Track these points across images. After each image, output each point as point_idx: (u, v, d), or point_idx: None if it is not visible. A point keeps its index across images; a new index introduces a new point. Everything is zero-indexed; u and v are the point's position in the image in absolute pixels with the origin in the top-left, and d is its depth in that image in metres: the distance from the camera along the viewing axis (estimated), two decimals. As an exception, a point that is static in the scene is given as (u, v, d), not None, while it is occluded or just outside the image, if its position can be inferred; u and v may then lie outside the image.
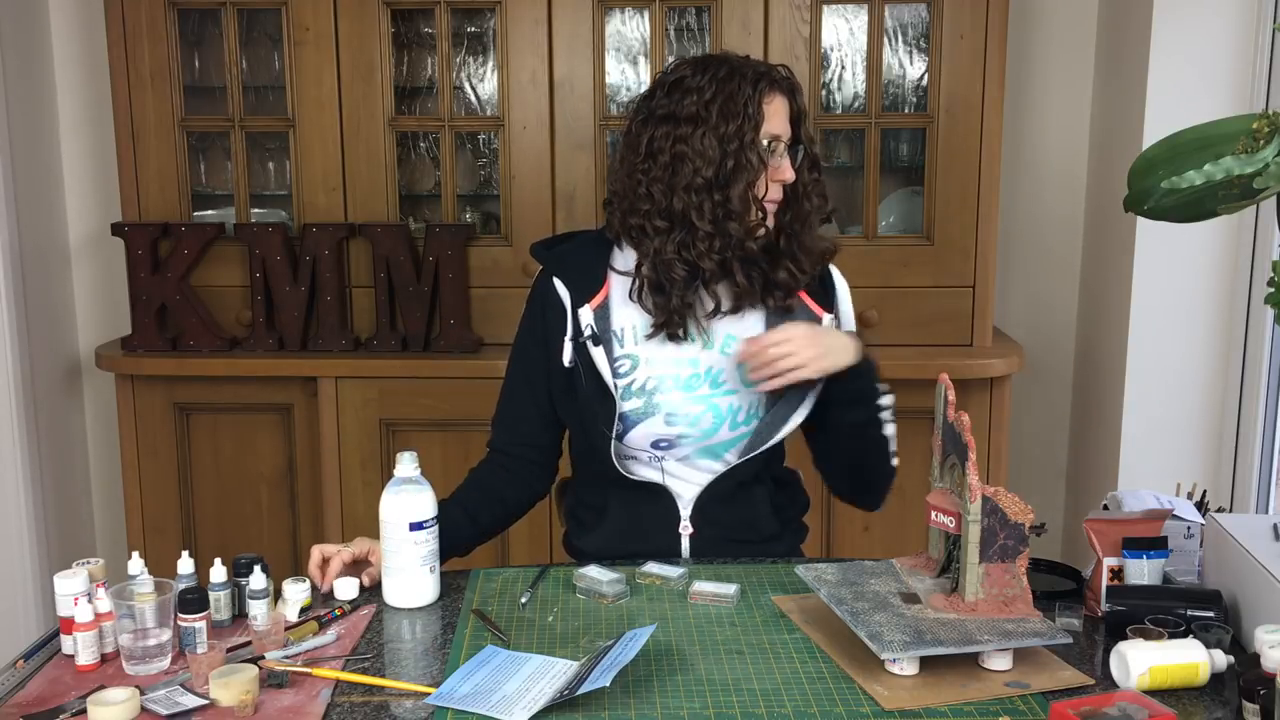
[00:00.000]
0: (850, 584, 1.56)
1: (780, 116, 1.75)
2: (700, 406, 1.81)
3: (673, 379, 1.82)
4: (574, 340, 1.81)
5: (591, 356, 1.79)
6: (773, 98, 1.74)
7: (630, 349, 1.82)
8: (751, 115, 1.71)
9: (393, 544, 1.62)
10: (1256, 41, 2.64)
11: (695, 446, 1.83)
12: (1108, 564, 1.59)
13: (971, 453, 1.46)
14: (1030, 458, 3.34)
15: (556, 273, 1.85)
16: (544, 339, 1.85)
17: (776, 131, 1.74)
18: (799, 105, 1.78)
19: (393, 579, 1.63)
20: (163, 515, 3.00)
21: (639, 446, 1.83)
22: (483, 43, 3.03)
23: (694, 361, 1.82)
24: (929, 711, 1.33)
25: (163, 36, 2.88)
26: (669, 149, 1.73)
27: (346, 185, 2.92)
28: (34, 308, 3.08)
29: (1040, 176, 3.23)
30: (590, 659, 1.41)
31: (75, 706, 1.35)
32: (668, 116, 1.74)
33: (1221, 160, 1.45)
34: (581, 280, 1.83)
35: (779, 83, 1.76)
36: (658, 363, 1.82)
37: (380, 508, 1.63)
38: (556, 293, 1.83)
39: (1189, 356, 2.82)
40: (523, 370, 1.89)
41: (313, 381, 2.89)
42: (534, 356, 1.87)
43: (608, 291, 1.82)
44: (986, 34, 2.78)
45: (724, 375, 1.82)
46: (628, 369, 1.82)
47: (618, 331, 1.82)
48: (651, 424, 1.81)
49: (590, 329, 1.79)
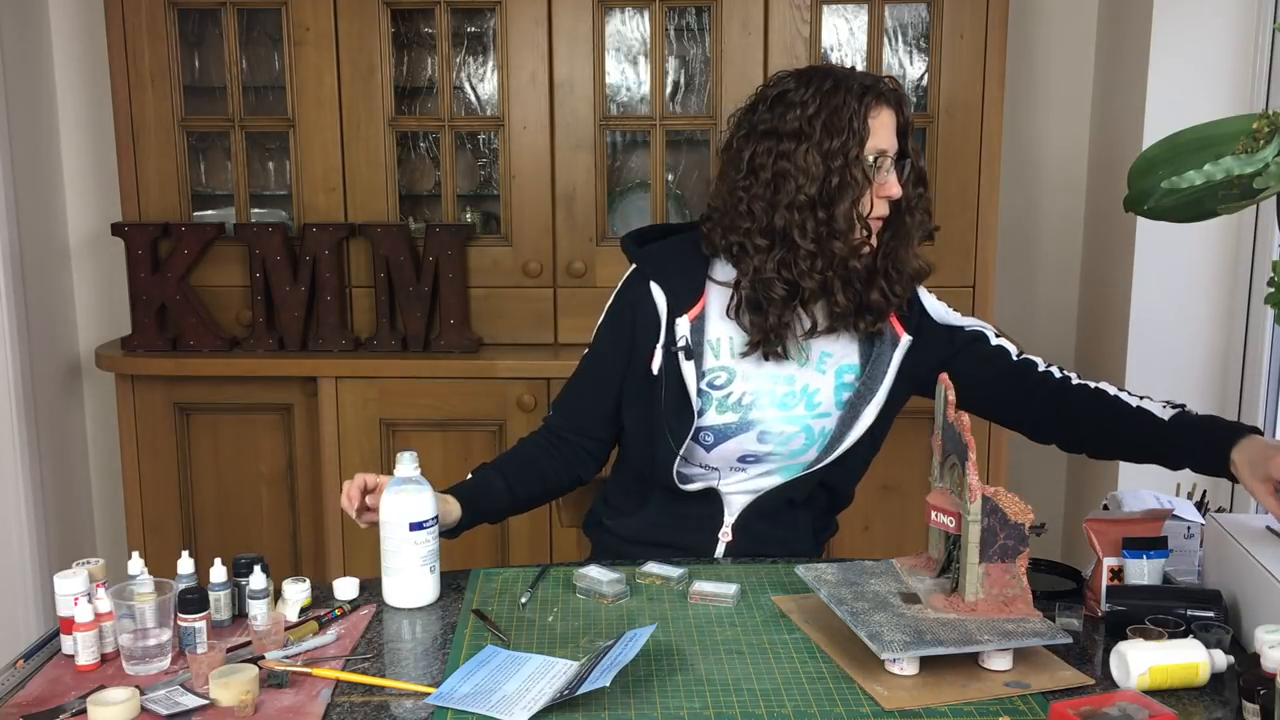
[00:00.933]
0: (850, 584, 1.56)
1: (887, 130, 1.70)
2: (794, 427, 1.79)
3: (769, 395, 1.79)
4: (665, 349, 1.77)
5: (680, 369, 1.76)
6: (879, 111, 1.68)
7: (726, 361, 1.79)
8: (857, 130, 1.66)
9: (392, 544, 1.62)
10: (1256, 41, 2.64)
11: (779, 465, 1.82)
12: (1108, 564, 1.59)
13: (971, 453, 1.46)
14: (1030, 458, 3.34)
15: (656, 278, 1.80)
16: (629, 346, 1.81)
17: (883, 146, 1.69)
18: (906, 117, 1.72)
19: (393, 579, 1.63)
20: (163, 515, 3.00)
21: (723, 459, 1.80)
22: (483, 43, 3.03)
23: (790, 379, 1.79)
24: (929, 711, 1.33)
25: (163, 36, 2.88)
26: (771, 165, 1.68)
27: (346, 185, 2.92)
28: (34, 308, 3.08)
29: (1040, 176, 3.23)
30: (590, 659, 1.41)
31: (75, 706, 1.35)
32: (770, 132, 1.69)
33: (1221, 160, 1.45)
34: (681, 289, 1.78)
35: (885, 95, 1.70)
36: (755, 378, 1.79)
37: (380, 508, 1.63)
38: (652, 298, 1.79)
39: (1189, 356, 2.82)
40: (597, 367, 1.85)
41: (313, 381, 2.89)
42: (612, 359, 1.83)
43: (705, 303, 1.78)
44: (986, 34, 2.78)
45: (819, 397, 1.79)
46: (724, 381, 1.78)
47: (713, 343, 1.79)
48: (744, 439, 1.79)
49: (685, 341, 1.75)
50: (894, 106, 1.71)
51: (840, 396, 1.82)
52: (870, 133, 1.67)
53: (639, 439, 1.85)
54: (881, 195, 1.70)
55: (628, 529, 1.87)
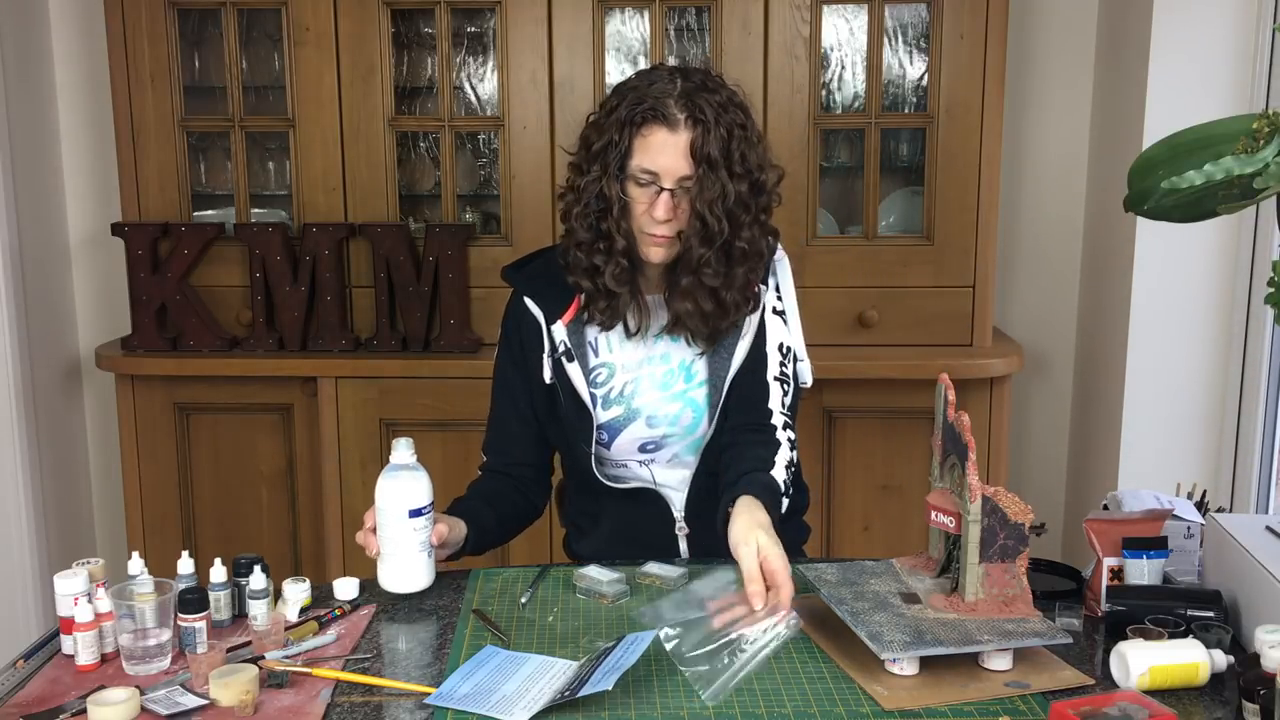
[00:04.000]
0: (850, 584, 1.56)
1: (663, 151, 1.68)
2: (678, 404, 1.83)
3: (648, 379, 1.83)
4: (551, 356, 1.82)
5: (568, 373, 1.80)
6: (653, 131, 1.68)
7: (605, 357, 1.83)
8: (616, 144, 1.69)
9: (389, 530, 1.62)
10: (1256, 41, 2.64)
11: (682, 444, 1.84)
12: (1108, 564, 1.59)
13: (971, 453, 1.47)
14: (1030, 458, 3.34)
15: (527, 292, 1.86)
16: (523, 359, 1.86)
17: (651, 166, 1.68)
18: (703, 140, 1.67)
19: (388, 564, 1.63)
20: (163, 515, 3.00)
21: (626, 454, 1.84)
22: (483, 43, 3.03)
23: (665, 357, 1.83)
24: (929, 711, 1.33)
25: (163, 36, 2.88)
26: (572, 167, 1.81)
27: (346, 185, 2.92)
28: (34, 308, 3.08)
29: (1040, 176, 3.23)
30: (590, 660, 1.41)
31: (75, 706, 1.35)
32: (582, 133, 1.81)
33: (1221, 160, 1.45)
34: (551, 298, 1.83)
35: (666, 117, 1.68)
36: (632, 366, 1.83)
37: (376, 494, 1.62)
38: (530, 312, 1.84)
39: (1189, 356, 2.82)
40: (506, 394, 1.90)
41: (313, 381, 2.89)
42: (515, 378, 1.88)
43: (579, 305, 1.82)
44: (986, 34, 2.78)
45: (695, 368, 1.81)
46: (605, 377, 1.83)
47: (592, 341, 1.83)
48: (634, 429, 1.83)
49: (564, 345, 1.81)
50: (687, 129, 1.67)
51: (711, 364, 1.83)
52: (634, 150, 1.68)
53: (562, 450, 1.93)
54: (648, 214, 1.70)
55: (591, 549, 1.91)
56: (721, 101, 1.69)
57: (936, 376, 1.59)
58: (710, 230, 1.69)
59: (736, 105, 1.71)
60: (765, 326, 1.83)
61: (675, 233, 1.71)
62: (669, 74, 1.71)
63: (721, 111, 1.68)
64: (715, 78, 1.73)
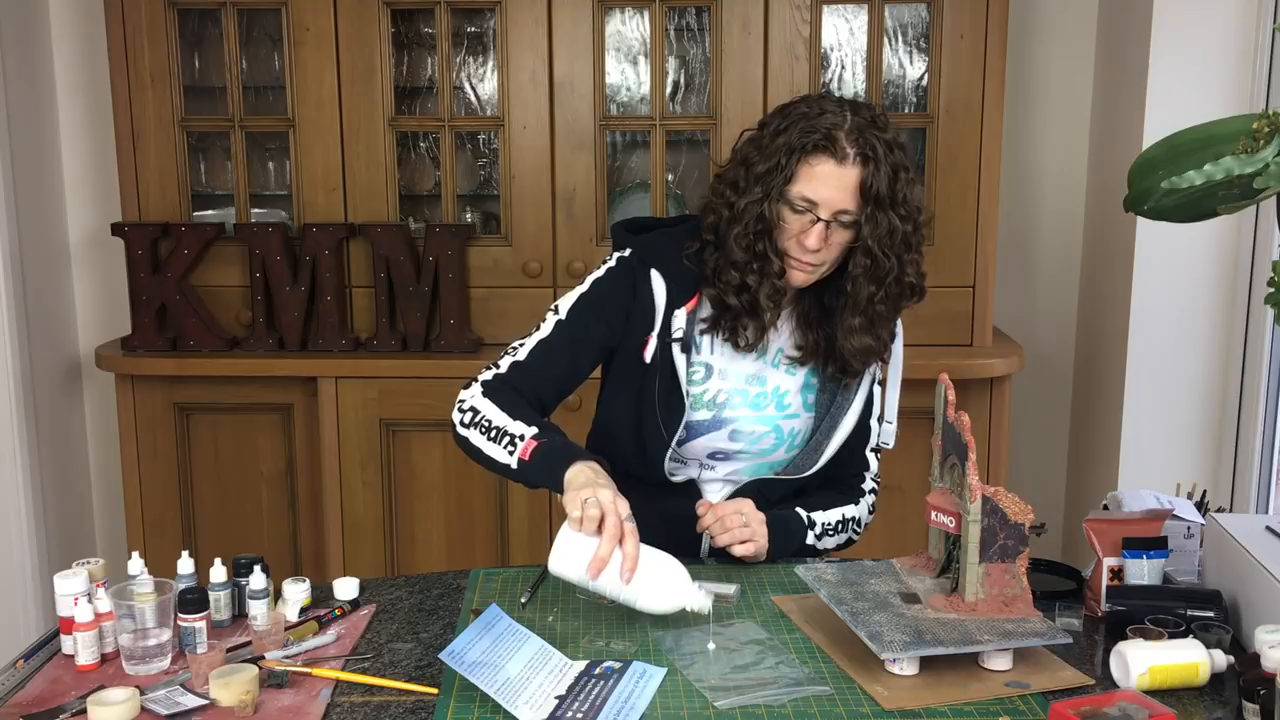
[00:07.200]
0: (850, 584, 1.56)
1: (828, 184, 1.67)
2: (765, 427, 1.82)
3: (741, 395, 1.81)
4: (660, 339, 1.77)
5: (674, 361, 1.77)
6: (821, 161, 1.67)
7: (706, 358, 1.80)
8: (783, 167, 1.68)
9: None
10: (1256, 41, 2.64)
11: (749, 464, 1.84)
12: (1108, 564, 1.59)
13: (971, 453, 1.46)
14: (1030, 458, 3.34)
15: (659, 267, 1.80)
16: (622, 326, 1.79)
17: (812, 196, 1.67)
18: (874, 181, 1.67)
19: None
20: (163, 515, 3.00)
21: (694, 455, 1.82)
22: (483, 43, 3.03)
23: (761, 379, 1.82)
24: (929, 711, 1.33)
25: (163, 36, 2.88)
26: (727, 176, 1.80)
27: (346, 185, 2.92)
28: (34, 308, 3.08)
29: (1040, 176, 3.23)
30: (589, 670, 1.40)
31: (75, 706, 1.35)
32: (739, 149, 1.79)
33: (1221, 160, 1.45)
34: (680, 281, 1.79)
35: (834, 150, 1.67)
36: (730, 376, 1.81)
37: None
38: (651, 287, 1.79)
39: (1189, 356, 2.82)
40: (570, 336, 1.79)
41: (313, 381, 2.89)
42: (594, 329, 1.79)
43: (700, 298, 1.79)
44: (986, 34, 2.78)
45: (788, 399, 1.84)
46: (701, 377, 1.80)
47: (696, 339, 1.80)
48: (715, 436, 1.81)
49: (682, 332, 1.77)
50: (855, 165, 1.67)
51: (806, 398, 1.84)
52: (798, 178, 1.68)
53: (623, 430, 1.82)
54: (797, 241, 1.70)
55: None
56: (889, 140, 1.69)
57: (936, 376, 1.59)
58: (880, 268, 1.70)
59: (899, 145, 1.71)
60: (872, 397, 1.88)
61: (821, 262, 1.72)
62: (838, 105, 1.70)
63: (889, 150, 1.68)
64: (882, 116, 1.72)
